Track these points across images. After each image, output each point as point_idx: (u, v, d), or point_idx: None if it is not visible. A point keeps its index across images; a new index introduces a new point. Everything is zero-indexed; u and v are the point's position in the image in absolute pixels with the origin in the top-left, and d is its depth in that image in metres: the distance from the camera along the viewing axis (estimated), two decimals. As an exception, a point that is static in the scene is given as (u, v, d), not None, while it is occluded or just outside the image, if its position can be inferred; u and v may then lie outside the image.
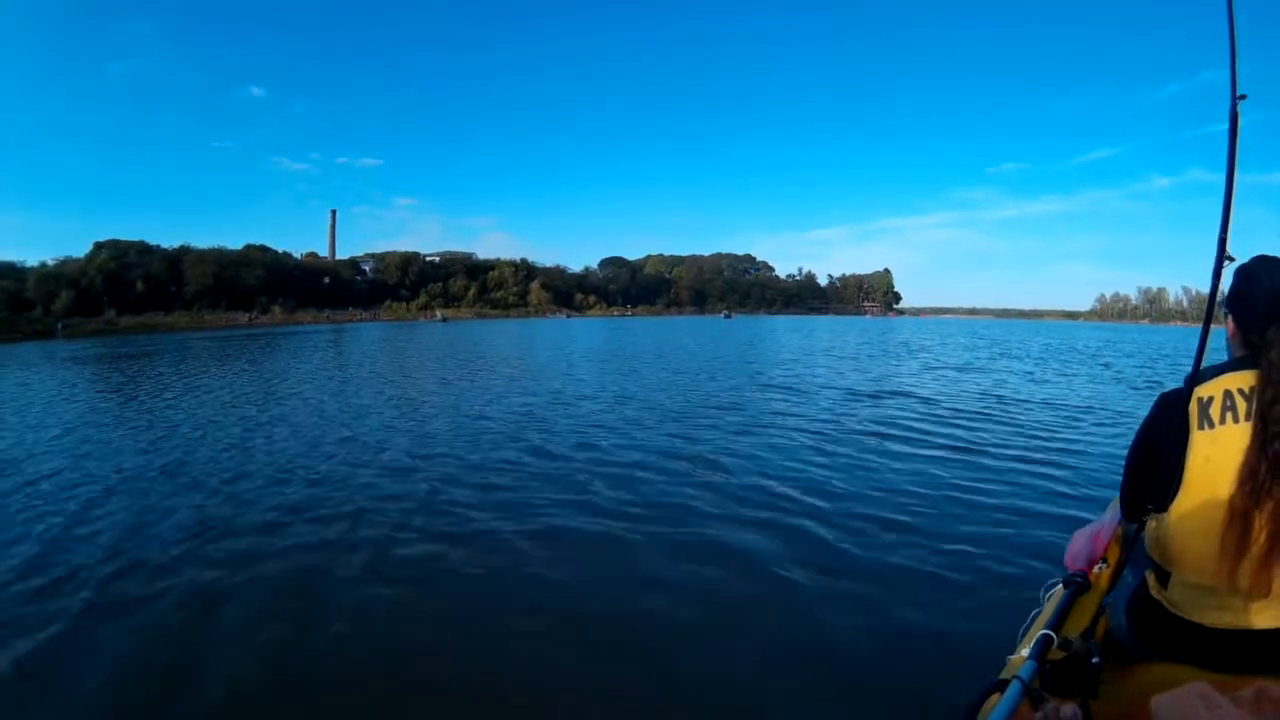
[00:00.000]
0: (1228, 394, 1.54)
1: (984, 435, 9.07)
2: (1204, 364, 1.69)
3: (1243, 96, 1.71)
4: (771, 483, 6.56)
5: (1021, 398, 13.33)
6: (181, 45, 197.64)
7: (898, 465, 7.28)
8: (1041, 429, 9.59)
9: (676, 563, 4.58)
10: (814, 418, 10.64)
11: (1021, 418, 10.68)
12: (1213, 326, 1.82)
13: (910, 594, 3.99)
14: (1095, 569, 2.02)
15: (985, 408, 11.79)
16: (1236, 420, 1.52)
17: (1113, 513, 2.22)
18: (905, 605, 3.84)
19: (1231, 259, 1.70)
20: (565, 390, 14.40)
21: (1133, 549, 1.92)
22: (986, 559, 4.47)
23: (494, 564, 4.56)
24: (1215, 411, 1.54)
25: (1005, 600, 3.72)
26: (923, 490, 6.20)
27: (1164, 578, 1.67)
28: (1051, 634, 1.62)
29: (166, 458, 7.87)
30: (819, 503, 5.87)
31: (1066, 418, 10.76)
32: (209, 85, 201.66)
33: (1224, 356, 1.69)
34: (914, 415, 10.89)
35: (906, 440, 8.75)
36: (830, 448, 8.23)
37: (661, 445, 8.42)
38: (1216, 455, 1.52)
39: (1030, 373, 19.17)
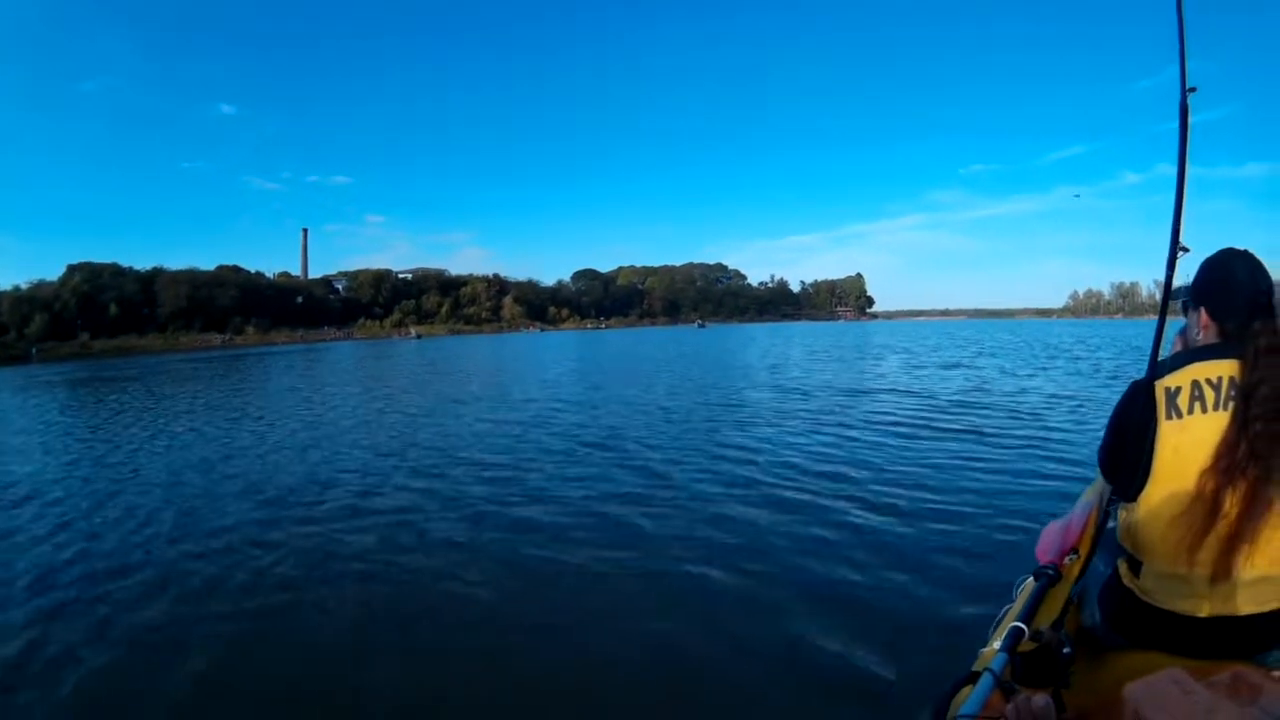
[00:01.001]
0: (1195, 384, 1.55)
1: (976, 421, 9.74)
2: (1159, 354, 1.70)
3: (1193, 89, 1.74)
4: (791, 470, 7.11)
5: (1006, 390, 14.07)
6: (151, 63, 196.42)
7: (903, 451, 7.87)
8: (1028, 415, 10.27)
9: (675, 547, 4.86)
10: (819, 413, 11.33)
11: (1009, 406, 11.40)
12: (1170, 318, 1.84)
13: (897, 580, 4.08)
14: (1066, 560, 2.03)
15: (974, 399, 12.52)
16: (1204, 410, 1.53)
17: (1084, 504, 2.24)
18: (892, 592, 3.93)
19: (1186, 250, 1.72)
20: (580, 399, 14.88)
21: (1104, 539, 1.93)
22: (978, 544, 4.62)
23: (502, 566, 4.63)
24: (1183, 401, 1.55)
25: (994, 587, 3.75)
26: (922, 475, 6.61)
27: (1136, 567, 1.67)
28: (1022, 626, 1.62)
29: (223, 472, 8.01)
30: (824, 490, 6.28)
31: (1048, 405, 11.48)
32: (179, 103, 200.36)
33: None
34: (911, 408, 11.59)
35: (908, 429, 9.40)
36: (840, 439, 8.86)
37: (666, 447, 8.80)
38: (1185, 445, 1.53)
39: (1010, 367, 19.92)
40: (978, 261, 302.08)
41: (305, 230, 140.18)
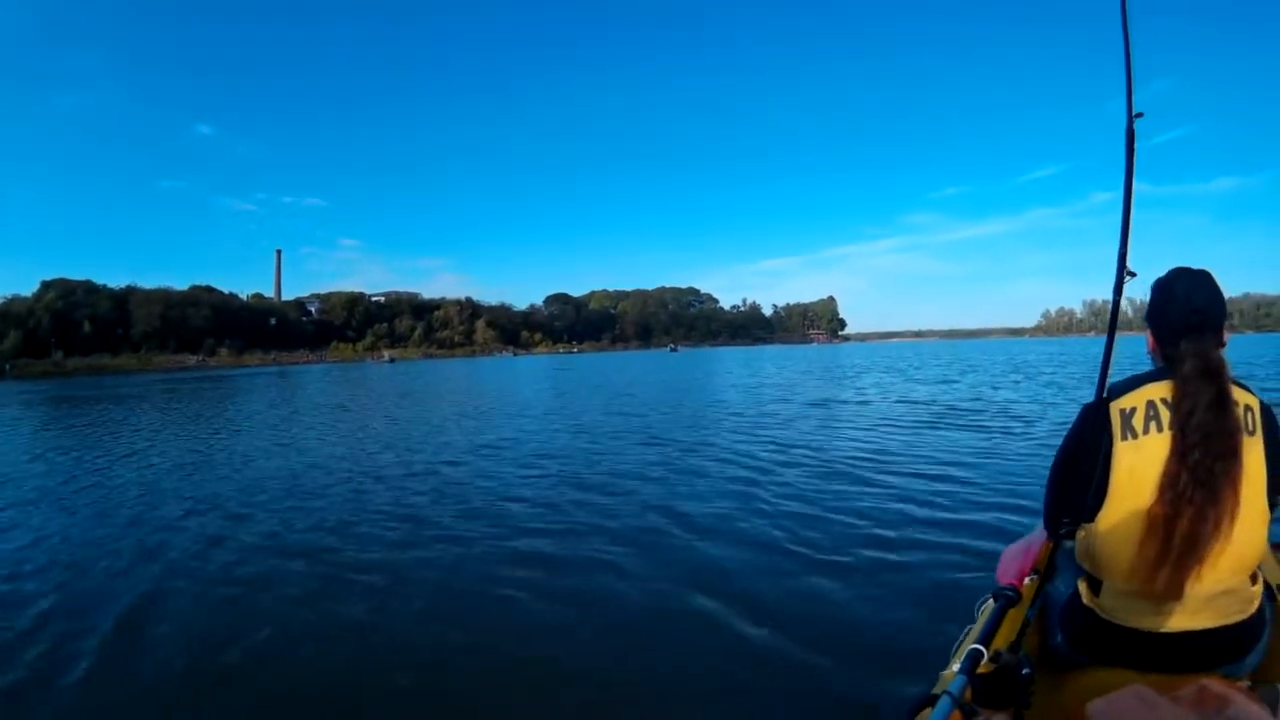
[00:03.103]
0: (1150, 404, 1.57)
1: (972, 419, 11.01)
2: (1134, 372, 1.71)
3: (1139, 115, 1.76)
4: (806, 472, 7.63)
5: (999, 400, 15.23)
6: (129, 79, 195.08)
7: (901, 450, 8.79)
8: (1008, 419, 11.40)
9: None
10: (826, 420, 12.61)
11: (990, 413, 12.51)
12: (1137, 336, 1.85)
13: (883, 594, 4.00)
14: (1027, 581, 2.02)
15: (970, 408, 13.79)
16: (1160, 429, 1.54)
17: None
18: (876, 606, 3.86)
19: (1133, 274, 1.73)
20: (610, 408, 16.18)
21: (1064, 559, 1.93)
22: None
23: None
24: (1138, 421, 1.56)
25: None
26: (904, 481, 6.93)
27: (1096, 586, 1.67)
28: (981, 648, 1.60)
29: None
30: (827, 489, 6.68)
31: (1022, 414, 12.43)
32: (156, 121, 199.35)
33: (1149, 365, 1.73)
34: (917, 417, 12.65)
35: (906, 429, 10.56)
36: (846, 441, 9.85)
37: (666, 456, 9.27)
38: (1140, 464, 1.55)
39: (984, 381, 21.19)
40: (951, 283, 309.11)
41: (279, 252, 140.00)
